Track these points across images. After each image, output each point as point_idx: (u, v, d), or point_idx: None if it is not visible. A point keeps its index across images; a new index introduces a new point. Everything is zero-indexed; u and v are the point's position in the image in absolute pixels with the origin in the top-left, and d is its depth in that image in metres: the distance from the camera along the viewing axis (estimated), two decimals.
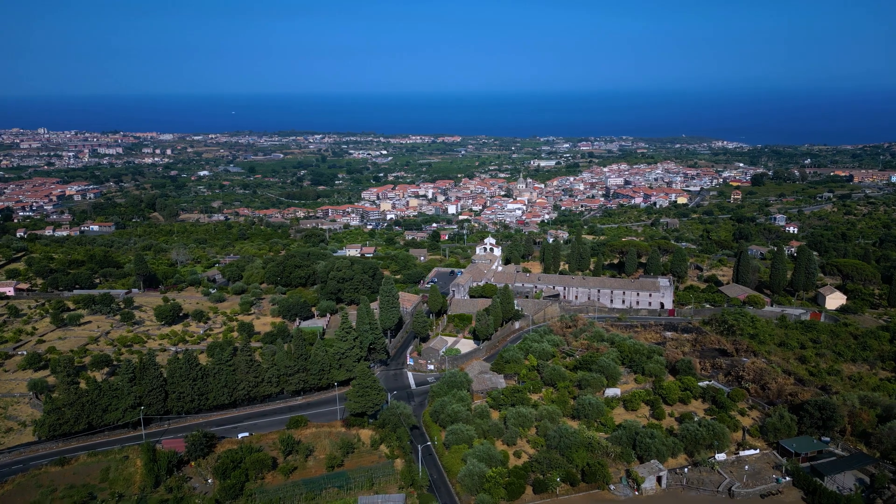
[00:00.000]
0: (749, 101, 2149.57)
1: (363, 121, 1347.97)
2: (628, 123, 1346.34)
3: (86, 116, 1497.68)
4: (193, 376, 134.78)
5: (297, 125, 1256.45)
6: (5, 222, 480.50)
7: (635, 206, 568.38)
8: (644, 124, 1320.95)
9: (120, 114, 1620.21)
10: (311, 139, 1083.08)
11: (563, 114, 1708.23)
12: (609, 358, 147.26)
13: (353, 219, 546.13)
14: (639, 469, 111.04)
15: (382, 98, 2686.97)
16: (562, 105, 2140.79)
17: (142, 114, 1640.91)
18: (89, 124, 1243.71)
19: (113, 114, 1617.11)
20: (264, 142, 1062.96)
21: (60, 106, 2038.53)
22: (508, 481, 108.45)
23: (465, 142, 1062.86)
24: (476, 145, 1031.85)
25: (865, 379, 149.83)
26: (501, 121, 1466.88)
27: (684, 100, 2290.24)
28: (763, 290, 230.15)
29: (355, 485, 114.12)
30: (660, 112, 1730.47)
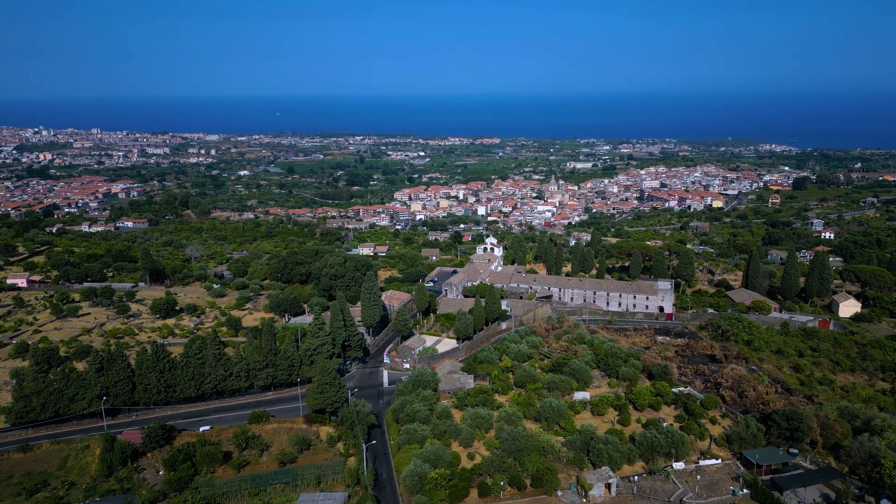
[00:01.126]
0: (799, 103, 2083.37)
1: (402, 123, 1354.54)
2: (671, 126, 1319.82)
3: (137, 118, 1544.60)
4: (160, 368, 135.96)
5: (338, 127, 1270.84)
6: (46, 217, 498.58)
7: (669, 210, 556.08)
8: (688, 127, 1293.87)
9: (169, 115, 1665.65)
10: (351, 140, 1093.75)
11: (604, 116, 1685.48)
12: (583, 361, 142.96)
13: (383, 219, 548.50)
14: (588, 475, 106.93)
15: (422, 100, 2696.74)
16: (603, 107, 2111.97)
17: (190, 115, 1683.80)
18: (140, 125, 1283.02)
19: (162, 115, 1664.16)
20: (306, 143, 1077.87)
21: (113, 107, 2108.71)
22: (452, 483, 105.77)
23: (504, 144, 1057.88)
24: (514, 147, 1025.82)
25: (857, 390, 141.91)
26: (541, 123, 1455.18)
27: (730, 102, 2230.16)
28: (776, 295, 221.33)
29: (302, 482, 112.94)
30: (704, 114, 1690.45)
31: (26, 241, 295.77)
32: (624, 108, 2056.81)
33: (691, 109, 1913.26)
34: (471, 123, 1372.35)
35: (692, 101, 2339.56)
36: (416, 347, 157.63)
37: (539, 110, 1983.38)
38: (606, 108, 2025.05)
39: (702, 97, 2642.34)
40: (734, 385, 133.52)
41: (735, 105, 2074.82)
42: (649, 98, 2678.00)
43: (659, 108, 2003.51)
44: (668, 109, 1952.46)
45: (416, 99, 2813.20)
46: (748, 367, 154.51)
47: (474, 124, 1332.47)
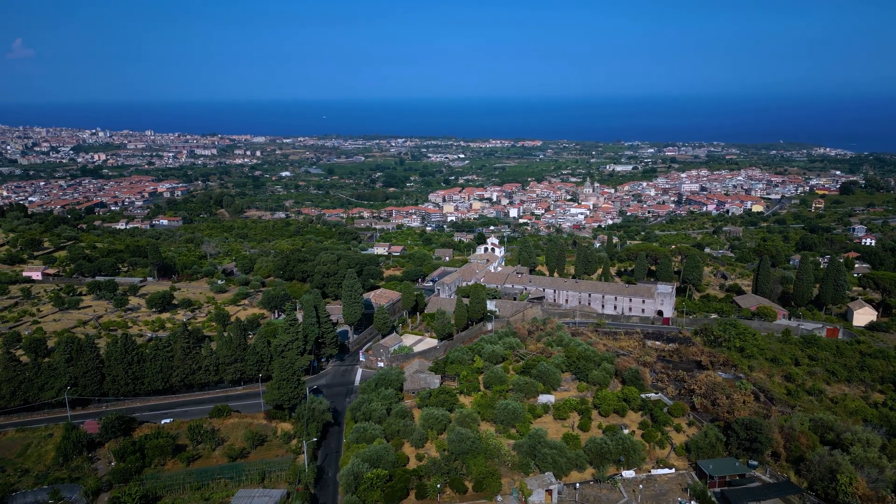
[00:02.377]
0: (857, 105, 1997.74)
1: (444, 125, 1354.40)
2: (719, 128, 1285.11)
3: (189, 120, 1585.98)
4: (129, 360, 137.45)
5: (381, 129, 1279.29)
6: (87, 214, 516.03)
7: (706, 214, 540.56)
8: (737, 129, 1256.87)
9: (219, 118, 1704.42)
10: (392, 143, 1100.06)
11: (649, 118, 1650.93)
12: (553, 363, 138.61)
13: (415, 220, 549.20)
14: (529, 481, 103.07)
15: (464, 103, 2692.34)
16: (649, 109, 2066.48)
17: (239, 118, 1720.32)
18: (191, 127, 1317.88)
19: (213, 118, 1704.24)
20: (348, 145, 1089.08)
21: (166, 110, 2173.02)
22: (390, 485, 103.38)
23: (546, 146, 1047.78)
24: (556, 149, 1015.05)
25: (846, 401, 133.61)
26: (584, 125, 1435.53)
27: (784, 104, 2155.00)
28: (789, 302, 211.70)
29: (247, 477, 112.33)
30: (755, 117, 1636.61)
31: (52, 236, 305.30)
32: (669, 110, 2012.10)
33: (741, 112, 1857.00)
34: (513, 126, 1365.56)
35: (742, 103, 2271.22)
36: (391, 346, 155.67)
37: (583, 113, 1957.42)
38: (651, 111, 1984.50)
39: (752, 99, 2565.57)
40: (707, 392, 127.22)
41: (789, 107, 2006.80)
42: (696, 100, 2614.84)
43: (706, 111, 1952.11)
44: (716, 111, 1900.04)
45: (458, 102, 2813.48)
46: (735, 374, 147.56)
47: (516, 127, 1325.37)
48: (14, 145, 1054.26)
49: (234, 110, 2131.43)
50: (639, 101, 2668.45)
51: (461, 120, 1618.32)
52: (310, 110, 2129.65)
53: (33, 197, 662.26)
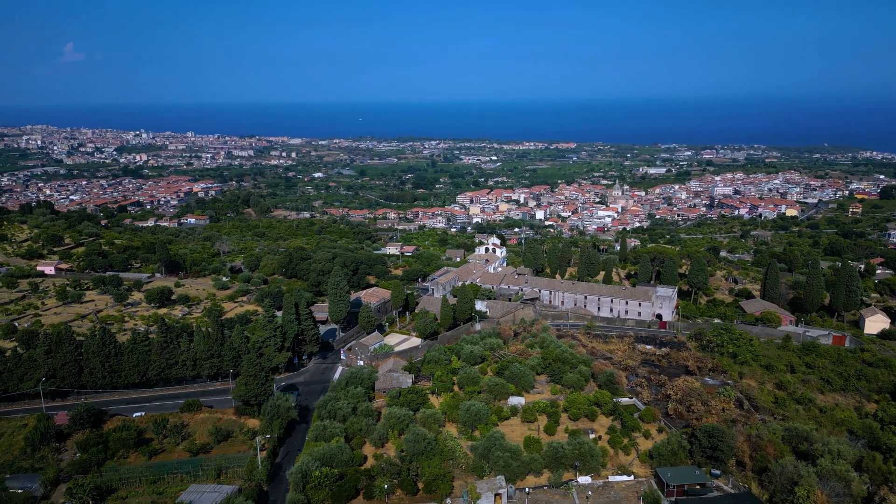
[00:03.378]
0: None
1: (479, 127, 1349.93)
2: (760, 131, 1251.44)
3: (228, 121, 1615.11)
4: (106, 353, 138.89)
5: (416, 131, 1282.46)
6: (119, 213, 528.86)
7: (737, 217, 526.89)
8: (779, 132, 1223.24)
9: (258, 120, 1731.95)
10: (426, 145, 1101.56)
11: (687, 120, 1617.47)
12: (528, 365, 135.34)
13: (440, 221, 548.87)
14: (479, 484, 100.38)
15: (498, 105, 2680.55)
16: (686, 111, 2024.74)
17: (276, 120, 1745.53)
18: (230, 129, 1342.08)
19: (251, 119, 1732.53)
20: (382, 147, 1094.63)
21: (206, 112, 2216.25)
22: (339, 484, 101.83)
23: (580, 148, 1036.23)
24: (590, 152, 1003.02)
25: (836, 411, 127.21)
26: (620, 127, 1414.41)
27: (828, 107, 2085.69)
28: (801, 308, 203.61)
29: (203, 473, 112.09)
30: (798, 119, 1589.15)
31: (73, 232, 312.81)
32: (708, 112, 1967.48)
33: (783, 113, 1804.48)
34: (547, 128, 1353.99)
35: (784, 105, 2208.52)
36: (371, 345, 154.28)
37: (619, 115, 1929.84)
38: (689, 113, 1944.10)
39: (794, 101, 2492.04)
40: (683, 398, 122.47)
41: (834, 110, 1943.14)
42: (735, 102, 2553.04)
43: (745, 113, 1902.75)
44: (756, 113, 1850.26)
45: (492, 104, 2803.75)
46: (723, 381, 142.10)
47: (551, 129, 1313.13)
48: (61, 146, 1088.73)
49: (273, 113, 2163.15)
50: (676, 102, 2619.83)
51: (494, 122, 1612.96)
52: (346, 113, 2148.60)
53: (74, 195, 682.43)
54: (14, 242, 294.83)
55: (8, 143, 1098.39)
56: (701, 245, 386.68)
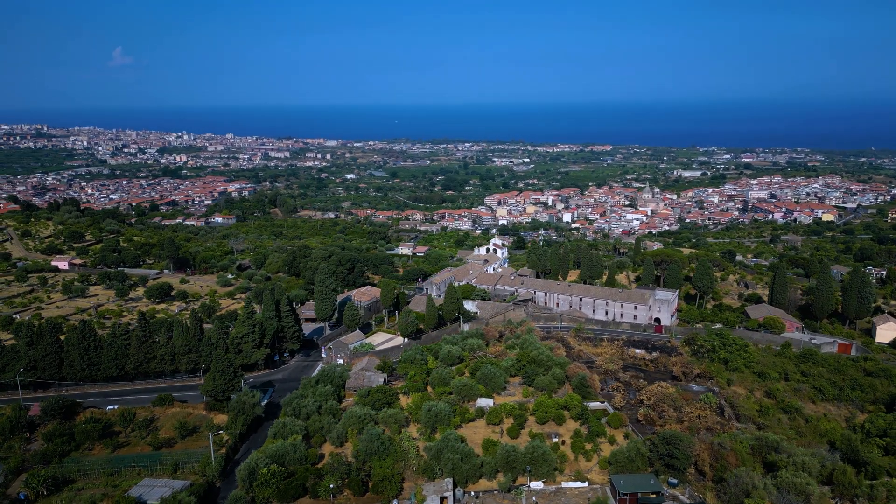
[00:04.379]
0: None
1: (513, 130, 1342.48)
2: (804, 134, 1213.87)
3: (267, 124, 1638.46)
4: (85, 346, 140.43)
5: (450, 134, 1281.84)
6: (151, 211, 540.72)
7: (771, 222, 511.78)
8: (823, 135, 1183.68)
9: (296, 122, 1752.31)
10: (459, 147, 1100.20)
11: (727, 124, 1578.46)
12: (501, 367, 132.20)
13: (465, 223, 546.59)
14: (425, 486, 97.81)
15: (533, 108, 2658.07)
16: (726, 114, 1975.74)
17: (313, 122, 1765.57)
18: (268, 130, 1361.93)
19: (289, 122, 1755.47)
20: (416, 149, 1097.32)
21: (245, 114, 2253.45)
22: (286, 482, 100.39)
23: (615, 151, 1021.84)
24: (626, 155, 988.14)
25: (821, 422, 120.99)
26: (657, 130, 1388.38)
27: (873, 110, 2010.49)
28: (809, 315, 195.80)
29: (161, 467, 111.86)
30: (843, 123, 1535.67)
31: (95, 229, 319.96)
32: (749, 114, 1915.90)
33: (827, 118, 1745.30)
34: (583, 130, 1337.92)
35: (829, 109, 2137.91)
36: (351, 343, 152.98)
37: (654, 117, 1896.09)
38: (728, 115, 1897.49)
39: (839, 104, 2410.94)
40: (656, 404, 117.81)
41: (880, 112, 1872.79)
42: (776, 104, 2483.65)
43: (785, 115, 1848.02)
44: (800, 116, 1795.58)
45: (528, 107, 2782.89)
46: (708, 387, 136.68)
47: (585, 132, 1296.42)
48: (105, 147, 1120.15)
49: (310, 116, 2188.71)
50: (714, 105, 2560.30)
51: (530, 124, 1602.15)
52: (382, 115, 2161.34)
53: (114, 195, 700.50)
54: (37, 238, 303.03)
55: (56, 144, 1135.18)
56: (725, 249, 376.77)
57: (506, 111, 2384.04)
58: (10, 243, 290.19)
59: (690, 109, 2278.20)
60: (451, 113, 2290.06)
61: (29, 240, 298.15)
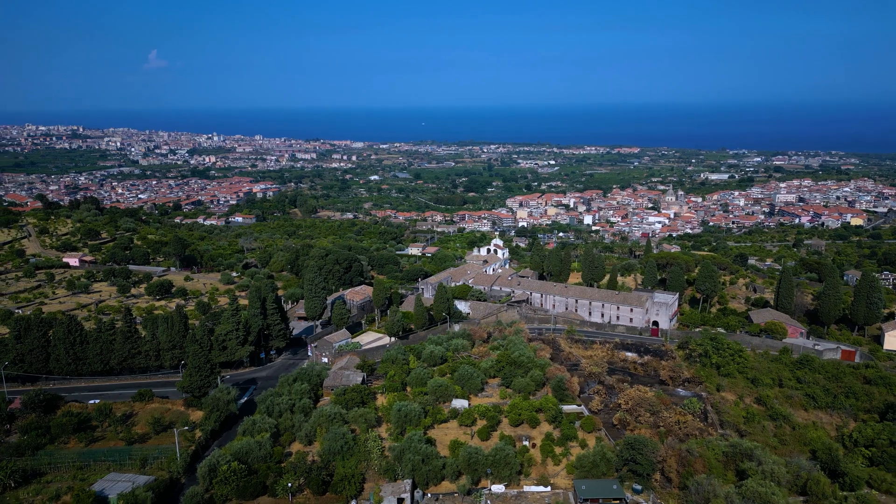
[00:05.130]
0: None
1: (539, 131, 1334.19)
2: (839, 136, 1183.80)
3: (294, 126, 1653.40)
4: (71, 341, 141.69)
5: (476, 135, 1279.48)
6: (174, 210, 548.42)
7: (797, 226, 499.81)
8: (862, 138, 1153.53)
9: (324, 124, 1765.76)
10: (484, 149, 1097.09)
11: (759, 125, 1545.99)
12: (481, 367, 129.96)
13: (485, 224, 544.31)
14: (384, 487, 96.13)
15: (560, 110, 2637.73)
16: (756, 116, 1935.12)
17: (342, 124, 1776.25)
18: (297, 132, 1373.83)
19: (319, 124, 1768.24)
20: (441, 151, 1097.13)
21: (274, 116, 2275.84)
22: (245, 480, 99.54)
23: (643, 153, 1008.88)
24: (653, 157, 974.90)
25: (808, 430, 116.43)
26: (686, 132, 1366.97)
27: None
28: (817, 320, 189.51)
29: (130, 462, 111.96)
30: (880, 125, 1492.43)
31: (111, 227, 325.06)
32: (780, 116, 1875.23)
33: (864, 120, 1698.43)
34: (611, 133, 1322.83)
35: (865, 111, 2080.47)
36: (336, 342, 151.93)
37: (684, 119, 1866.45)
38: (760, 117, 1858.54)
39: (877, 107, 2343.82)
40: (633, 408, 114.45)
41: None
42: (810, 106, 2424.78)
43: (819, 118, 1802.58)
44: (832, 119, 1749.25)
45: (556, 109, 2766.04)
46: (696, 392, 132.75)
47: (614, 133, 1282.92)
48: (138, 147, 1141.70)
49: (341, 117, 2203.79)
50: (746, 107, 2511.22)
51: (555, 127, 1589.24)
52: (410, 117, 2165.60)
53: (143, 194, 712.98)
54: (54, 235, 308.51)
55: (90, 145, 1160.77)
56: (747, 252, 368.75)
57: (533, 113, 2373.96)
58: (28, 240, 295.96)
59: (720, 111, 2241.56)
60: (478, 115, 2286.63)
61: (46, 237, 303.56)
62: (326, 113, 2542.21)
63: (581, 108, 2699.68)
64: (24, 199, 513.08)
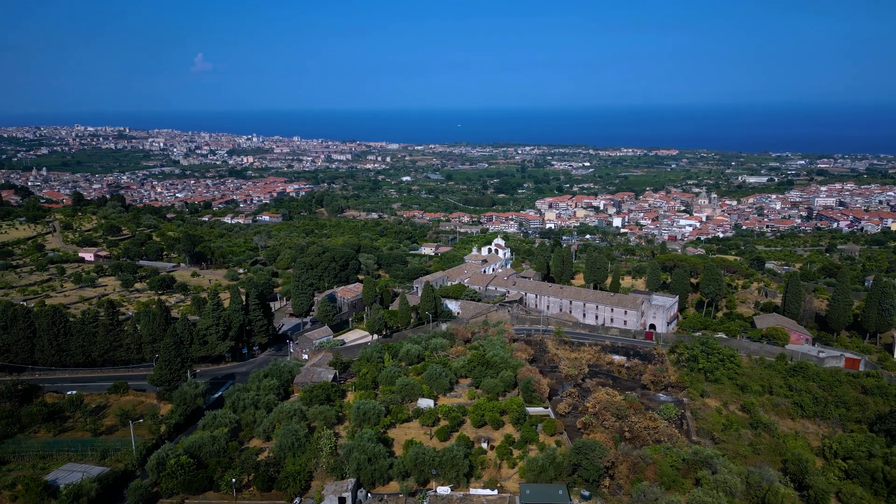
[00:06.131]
0: None
1: (576, 133, 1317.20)
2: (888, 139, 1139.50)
3: (332, 127, 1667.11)
4: (55, 332, 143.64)
5: (511, 137, 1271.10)
6: (203, 209, 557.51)
7: (835, 230, 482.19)
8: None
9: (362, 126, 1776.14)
10: (519, 151, 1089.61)
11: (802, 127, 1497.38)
12: (453, 367, 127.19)
13: (511, 226, 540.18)
14: (327, 486, 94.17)
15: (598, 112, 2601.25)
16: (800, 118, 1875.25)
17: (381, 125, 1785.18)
18: (334, 134, 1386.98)
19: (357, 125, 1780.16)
20: (476, 152, 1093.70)
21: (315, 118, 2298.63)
22: (191, 474, 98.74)
23: (682, 155, 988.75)
24: (691, 159, 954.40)
25: (788, 440, 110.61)
26: (728, 134, 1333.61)
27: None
28: (827, 327, 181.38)
29: (91, 453, 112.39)
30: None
31: (132, 224, 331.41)
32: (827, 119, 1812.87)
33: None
34: (649, 135, 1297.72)
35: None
36: (316, 338, 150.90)
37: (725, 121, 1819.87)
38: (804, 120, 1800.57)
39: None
40: (599, 412, 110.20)
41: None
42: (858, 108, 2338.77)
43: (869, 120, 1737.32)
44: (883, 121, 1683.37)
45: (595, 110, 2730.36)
46: (677, 398, 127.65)
47: (652, 136, 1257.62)
48: (180, 148, 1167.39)
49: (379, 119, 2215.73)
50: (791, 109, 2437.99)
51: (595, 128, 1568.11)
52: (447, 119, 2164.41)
53: (180, 193, 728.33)
54: (77, 231, 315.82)
55: (134, 146, 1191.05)
56: (776, 257, 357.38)
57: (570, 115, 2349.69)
58: (52, 235, 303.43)
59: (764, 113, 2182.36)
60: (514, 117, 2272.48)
61: (69, 232, 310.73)
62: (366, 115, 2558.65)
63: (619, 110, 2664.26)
64: (60, 197, 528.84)
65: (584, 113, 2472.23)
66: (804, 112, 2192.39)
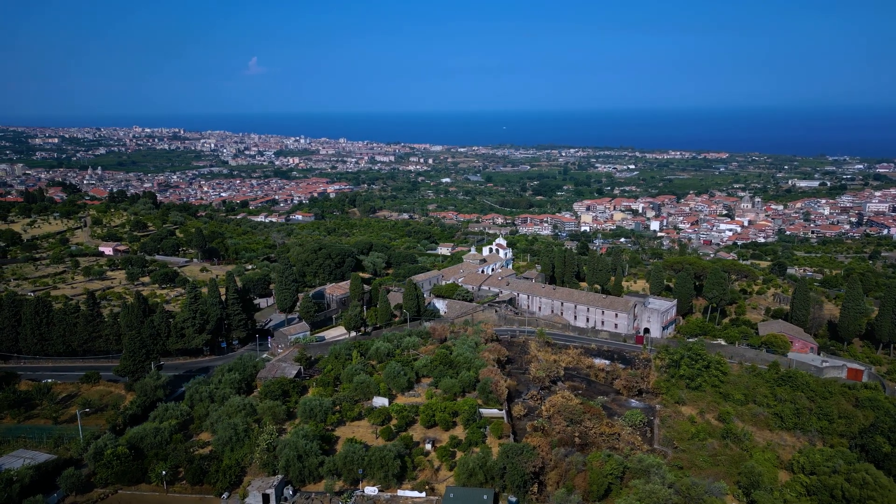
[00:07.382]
0: None
1: (622, 136, 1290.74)
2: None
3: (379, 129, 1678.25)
4: (38, 321, 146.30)
5: (555, 139, 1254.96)
6: (240, 207, 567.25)
7: (885, 237, 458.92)
8: None
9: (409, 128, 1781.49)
10: (563, 153, 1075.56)
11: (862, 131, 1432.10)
12: (416, 366, 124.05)
13: (545, 228, 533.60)
14: (254, 482, 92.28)
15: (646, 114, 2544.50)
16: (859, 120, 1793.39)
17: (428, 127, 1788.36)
18: (379, 136, 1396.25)
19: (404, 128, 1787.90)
20: (519, 154, 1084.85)
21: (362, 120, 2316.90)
22: (126, 465, 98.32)
23: (732, 158, 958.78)
24: (742, 163, 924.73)
25: (756, 452, 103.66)
26: (780, 137, 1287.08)
27: None
28: (837, 335, 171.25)
29: (48, 441, 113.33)
30: None
31: (158, 221, 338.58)
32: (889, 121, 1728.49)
33: None
34: (698, 137, 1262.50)
35: None
36: (291, 334, 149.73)
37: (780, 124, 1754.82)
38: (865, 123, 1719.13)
39: None
40: (553, 416, 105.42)
41: None
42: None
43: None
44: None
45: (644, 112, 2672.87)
46: (648, 404, 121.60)
47: (702, 139, 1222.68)
48: (229, 149, 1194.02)
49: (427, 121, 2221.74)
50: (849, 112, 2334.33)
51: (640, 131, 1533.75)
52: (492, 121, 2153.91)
53: (225, 192, 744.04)
54: (106, 226, 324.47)
55: (187, 146, 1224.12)
56: (815, 264, 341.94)
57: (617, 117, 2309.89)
58: (82, 230, 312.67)
59: (822, 116, 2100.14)
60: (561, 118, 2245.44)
61: (98, 227, 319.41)
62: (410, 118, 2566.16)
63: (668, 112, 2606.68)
64: (103, 194, 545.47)
65: (631, 115, 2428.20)
66: (864, 115, 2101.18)
